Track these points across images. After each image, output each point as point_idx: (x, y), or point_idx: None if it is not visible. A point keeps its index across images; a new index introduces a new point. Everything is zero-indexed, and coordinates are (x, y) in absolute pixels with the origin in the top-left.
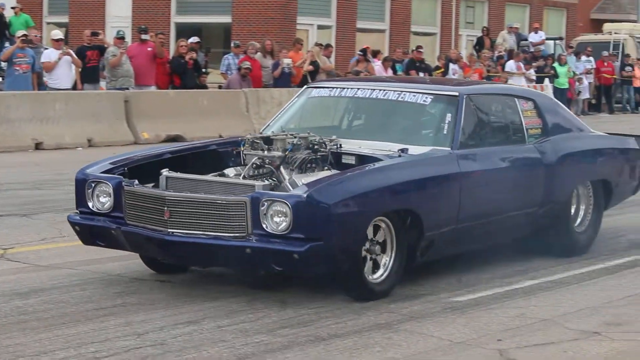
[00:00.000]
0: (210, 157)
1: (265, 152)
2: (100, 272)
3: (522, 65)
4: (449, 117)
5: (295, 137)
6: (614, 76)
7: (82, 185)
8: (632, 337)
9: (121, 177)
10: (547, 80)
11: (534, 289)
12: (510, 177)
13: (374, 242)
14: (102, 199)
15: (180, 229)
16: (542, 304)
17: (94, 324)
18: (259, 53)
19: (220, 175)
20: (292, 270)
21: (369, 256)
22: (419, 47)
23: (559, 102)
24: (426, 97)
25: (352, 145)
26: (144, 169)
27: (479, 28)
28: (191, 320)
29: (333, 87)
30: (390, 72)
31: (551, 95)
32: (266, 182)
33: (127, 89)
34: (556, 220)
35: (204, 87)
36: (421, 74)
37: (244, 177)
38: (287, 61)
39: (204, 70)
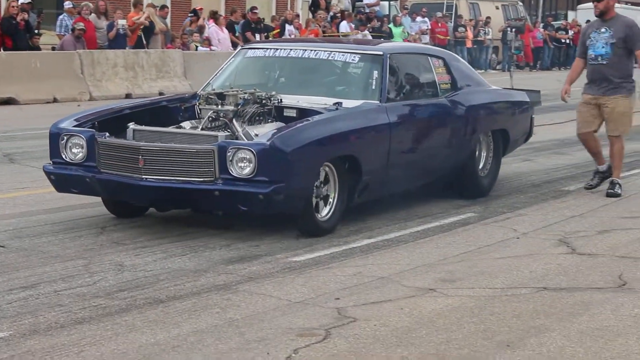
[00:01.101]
0: (161, 112)
1: (219, 106)
2: None
3: (352, 25)
4: (375, 73)
5: (245, 93)
6: (448, 37)
7: (56, 138)
8: (465, 293)
9: (93, 130)
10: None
11: (371, 248)
12: (429, 127)
13: (322, 184)
14: (74, 150)
15: (153, 175)
16: (379, 262)
17: None
18: (93, 14)
19: (178, 128)
20: (256, 209)
21: (317, 197)
22: (253, 8)
23: (462, 60)
24: (354, 56)
25: (290, 100)
26: (104, 123)
27: None
28: (26, 285)
29: (267, 48)
30: (226, 32)
31: None
32: (227, 133)
33: None
34: (464, 166)
35: (37, 48)
36: (257, 36)
37: (202, 129)
38: (121, 22)
39: (36, 31)
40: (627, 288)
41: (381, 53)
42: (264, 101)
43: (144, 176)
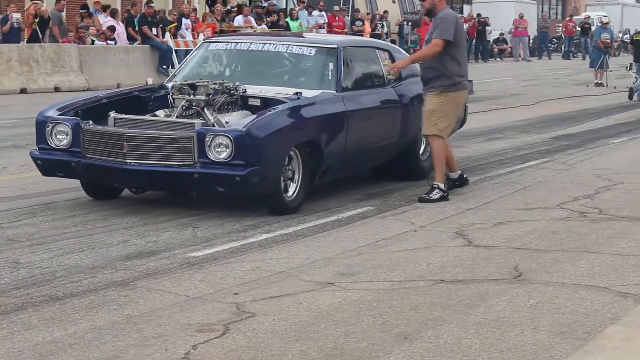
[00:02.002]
0: (133, 102)
1: (192, 96)
2: None
3: (251, 19)
4: (331, 65)
5: (215, 84)
6: (345, 30)
7: (42, 126)
8: (364, 287)
9: (78, 118)
10: None
11: (269, 242)
12: (380, 114)
13: (288, 167)
14: (59, 137)
15: (136, 160)
16: (278, 256)
17: None
18: None
19: (153, 116)
20: (233, 190)
21: (284, 179)
22: (149, 1)
23: (404, 52)
24: (311, 50)
25: (253, 90)
26: (82, 112)
27: None
28: None
29: (228, 42)
30: (122, 26)
31: None
32: (203, 120)
33: None
34: (408, 149)
35: None
36: (154, 30)
37: (177, 117)
38: (16, 16)
39: None
40: (523, 279)
41: (335, 46)
42: (232, 91)
43: (127, 160)
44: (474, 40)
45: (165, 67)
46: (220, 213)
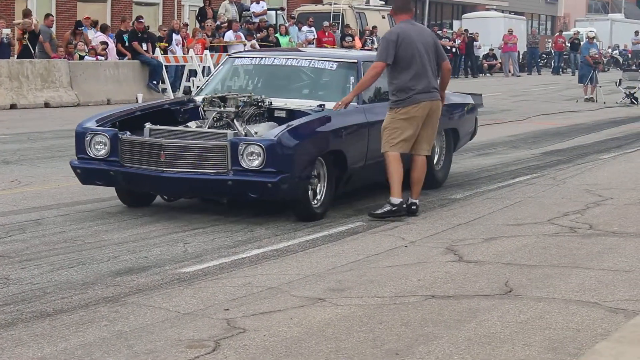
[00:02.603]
0: (164, 114)
1: (222, 108)
2: None
3: (241, 35)
4: (352, 78)
5: (244, 97)
6: (335, 46)
7: (82, 137)
8: (354, 302)
9: (116, 129)
10: None
11: (260, 258)
12: None
13: (314, 175)
14: (98, 147)
15: (173, 168)
16: (268, 272)
17: None
18: None
19: (185, 127)
20: (264, 196)
21: (311, 186)
22: (139, 17)
23: None
24: (332, 64)
25: (279, 103)
26: (118, 123)
27: None
28: None
29: (253, 57)
30: (112, 42)
31: None
32: (234, 131)
33: None
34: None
35: None
36: (144, 45)
37: (208, 128)
38: (5, 31)
39: None
40: (513, 295)
41: (356, 61)
42: (259, 103)
43: (165, 169)
44: (463, 56)
45: (155, 82)
46: (211, 229)
